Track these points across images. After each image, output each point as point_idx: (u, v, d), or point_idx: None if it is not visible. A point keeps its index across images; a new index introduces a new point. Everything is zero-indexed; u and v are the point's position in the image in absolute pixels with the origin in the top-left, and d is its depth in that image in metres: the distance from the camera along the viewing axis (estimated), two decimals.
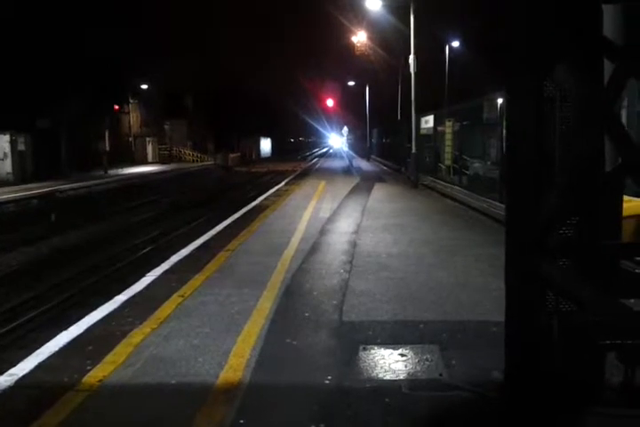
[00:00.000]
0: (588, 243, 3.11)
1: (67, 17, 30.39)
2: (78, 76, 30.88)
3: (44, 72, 27.63)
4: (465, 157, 16.80)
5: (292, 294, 6.05)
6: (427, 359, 4.23)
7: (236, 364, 4.18)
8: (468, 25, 33.54)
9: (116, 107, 42.50)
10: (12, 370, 4.14)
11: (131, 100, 44.00)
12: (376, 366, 4.14)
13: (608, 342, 3.05)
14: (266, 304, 5.62)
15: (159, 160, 43.72)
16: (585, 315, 2.97)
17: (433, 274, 6.82)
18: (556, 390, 3.07)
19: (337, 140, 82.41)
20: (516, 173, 3.23)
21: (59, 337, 4.81)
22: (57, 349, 4.53)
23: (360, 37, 32.50)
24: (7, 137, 23.21)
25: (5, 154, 23.21)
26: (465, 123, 17.42)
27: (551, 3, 2.89)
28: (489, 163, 14.78)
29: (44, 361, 4.29)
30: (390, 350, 4.40)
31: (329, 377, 3.95)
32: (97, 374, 4.03)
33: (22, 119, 25.75)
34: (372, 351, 4.40)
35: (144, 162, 41.73)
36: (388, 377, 3.96)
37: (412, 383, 3.84)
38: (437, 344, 4.49)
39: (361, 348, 4.46)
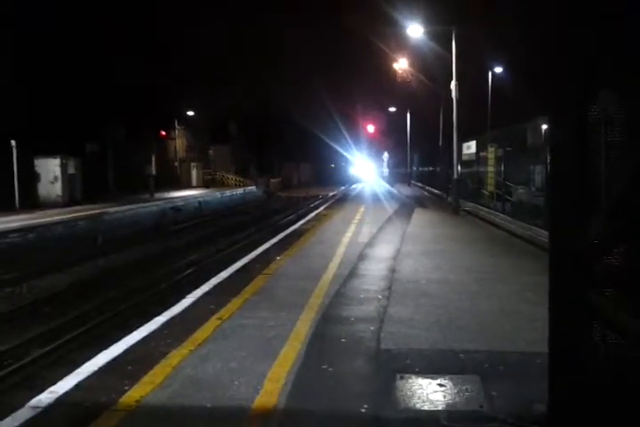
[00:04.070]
0: (635, 271, 2.99)
1: (117, 46, 31.80)
2: (127, 103, 32.13)
3: (95, 99, 28.85)
4: (509, 183, 16.53)
5: (329, 319, 6.00)
6: (467, 390, 4.10)
7: (271, 389, 4.14)
8: (512, 51, 33.42)
9: (163, 133, 43.86)
10: (53, 388, 4.22)
11: (177, 127, 45.30)
12: (414, 395, 4.03)
13: None
14: (303, 329, 5.59)
15: (203, 184, 44.62)
16: (633, 348, 2.84)
17: (475, 302, 6.66)
18: (601, 425, 2.92)
19: (369, 170, 62.02)
20: (560, 200, 3.16)
21: (98, 357, 4.88)
22: (96, 368, 4.59)
23: (401, 64, 32.71)
24: (57, 161, 24.01)
25: (56, 177, 24.01)
26: (508, 148, 17.17)
27: (594, 29, 2.85)
28: (533, 189, 14.50)
29: (83, 380, 4.36)
30: (429, 380, 4.28)
31: (365, 406, 3.87)
32: (135, 394, 4.06)
33: (72, 143, 26.77)
34: (410, 381, 4.29)
35: (189, 186, 42.65)
36: (425, 408, 3.85)
37: (450, 415, 3.72)
38: (478, 375, 4.35)
39: (398, 377, 4.36)
